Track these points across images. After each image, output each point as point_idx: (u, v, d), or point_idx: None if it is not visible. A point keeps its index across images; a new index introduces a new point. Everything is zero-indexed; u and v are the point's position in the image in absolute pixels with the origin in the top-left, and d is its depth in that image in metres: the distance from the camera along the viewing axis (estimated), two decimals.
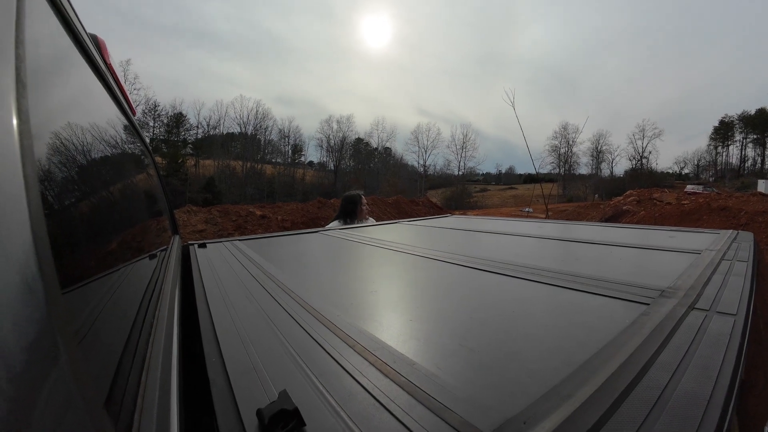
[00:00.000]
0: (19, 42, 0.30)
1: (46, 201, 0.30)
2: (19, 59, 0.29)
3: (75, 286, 0.34)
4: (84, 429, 0.21)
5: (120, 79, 1.38)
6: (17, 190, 0.22)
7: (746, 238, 1.77)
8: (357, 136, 63.31)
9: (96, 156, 0.60)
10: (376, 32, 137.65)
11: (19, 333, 0.18)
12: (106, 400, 0.32)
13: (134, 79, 42.80)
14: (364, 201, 3.62)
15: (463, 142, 64.47)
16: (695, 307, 0.81)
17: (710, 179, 58.90)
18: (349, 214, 3.53)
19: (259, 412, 0.44)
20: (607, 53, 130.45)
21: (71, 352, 0.22)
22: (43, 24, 0.49)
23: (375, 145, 64.40)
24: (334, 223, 3.49)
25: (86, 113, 0.61)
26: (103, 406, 0.26)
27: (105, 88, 0.93)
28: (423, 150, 63.74)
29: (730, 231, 1.97)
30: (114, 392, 0.36)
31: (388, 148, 65.26)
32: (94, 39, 0.99)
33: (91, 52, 0.82)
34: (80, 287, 0.36)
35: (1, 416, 0.16)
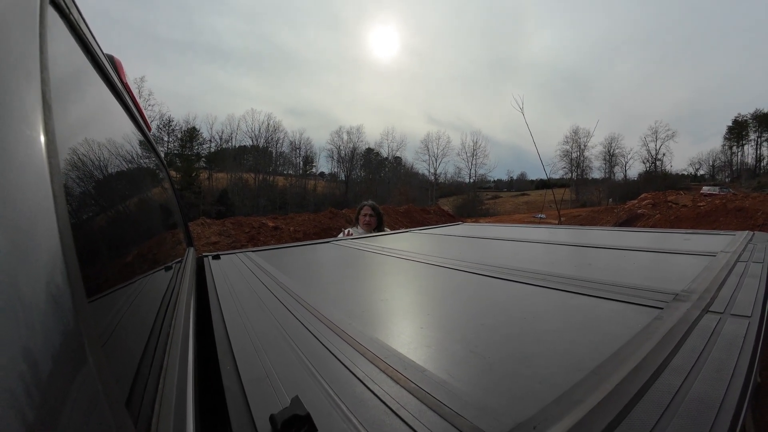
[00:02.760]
0: (43, 67, 0.32)
1: (72, 214, 0.32)
2: (44, 83, 0.31)
3: (98, 295, 0.36)
4: (107, 427, 0.22)
5: (135, 95, 1.42)
6: (47, 204, 0.24)
7: (762, 239, 1.74)
8: (367, 146, 63.58)
9: (115, 171, 0.63)
10: (384, 42, 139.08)
11: (49, 336, 0.20)
12: (126, 402, 0.33)
13: (149, 95, 43.67)
14: (365, 211, 3.74)
15: (474, 150, 64.33)
16: (709, 310, 0.80)
17: (726, 180, 57.70)
18: (356, 220, 3.87)
19: (272, 418, 0.45)
20: (616, 56, 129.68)
21: (96, 355, 0.23)
22: (64, 48, 0.51)
23: (385, 155, 64.61)
24: (350, 228, 3.74)
25: (105, 131, 0.64)
26: (124, 406, 0.27)
27: (122, 106, 0.97)
28: (433, 158, 63.78)
29: (746, 232, 1.94)
30: (134, 396, 0.37)
31: (398, 157, 65.43)
32: (111, 59, 1.03)
33: (108, 72, 0.85)
34: (102, 296, 0.38)
35: (35, 410, 0.17)
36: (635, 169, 60.66)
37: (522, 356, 0.64)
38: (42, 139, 0.26)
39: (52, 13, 0.45)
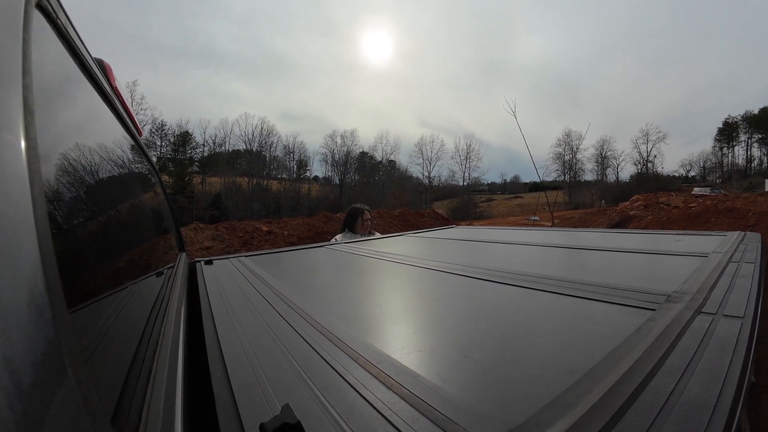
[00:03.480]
0: (26, 71, 0.31)
1: (54, 221, 0.31)
2: (27, 88, 0.30)
3: (82, 305, 0.35)
4: None
5: (127, 99, 1.41)
6: (25, 211, 0.23)
7: (753, 239, 1.75)
8: (361, 150, 63.62)
9: (103, 176, 0.62)
10: (378, 47, 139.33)
11: (27, 352, 0.19)
12: (112, 417, 0.32)
13: (141, 99, 43.42)
14: (367, 216, 3.63)
15: (467, 153, 64.62)
16: (702, 311, 0.80)
17: (717, 181, 58.39)
18: (350, 226, 3.63)
19: (262, 426, 0.44)
20: (607, 59, 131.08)
21: (77, 370, 0.22)
22: (51, 53, 0.51)
23: (379, 159, 64.71)
24: (339, 236, 3.58)
25: (92, 135, 0.63)
26: (109, 423, 0.27)
27: (111, 111, 0.96)
28: (427, 162, 63.96)
29: (738, 233, 1.96)
30: (120, 408, 0.36)
31: (392, 160, 65.53)
32: (100, 63, 1.02)
33: (97, 76, 0.84)
34: (87, 306, 0.37)
35: (13, 427, 0.16)
36: (627, 171, 61.33)
37: (515, 359, 0.63)
38: (23, 144, 0.26)
39: (38, 17, 0.44)
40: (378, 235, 3.58)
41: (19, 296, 0.20)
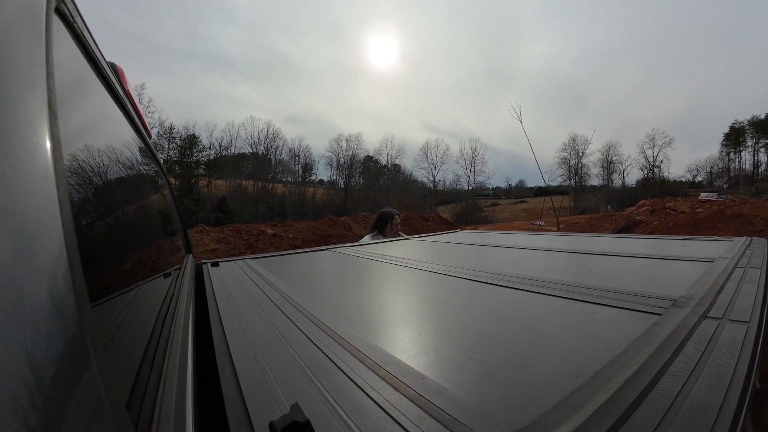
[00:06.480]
0: (49, 74, 0.32)
1: (76, 220, 0.32)
2: (50, 90, 0.31)
3: (100, 301, 0.36)
4: (109, 428, 0.22)
5: (136, 102, 1.43)
6: (52, 210, 0.24)
7: (760, 245, 1.74)
8: (366, 154, 63.63)
9: (116, 178, 0.63)
10: (383, 51, 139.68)
11: (53, 339, 0.20)
12: (127, 406, 0.33)
13: (149, 102, 43.79)
14: (397, 220, 3.79)
15: (472, 157, 64.40)
16: (708, 315, 0.80)
17: (724, 186, 57.89)
18: (380, 229, 3.80)
19: (271, 425, 0.45)
20: (612, 64, 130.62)
21: (99, 358, 0.23)
22: (68, 56, 0.52)
23: (384, 163, 64.70)
24: (367, 237, 3.77)
25: (107, 138, 0.65)
26: (125, 410, 0.28)
27: (123, 113, 0.97)
28: (432, 166, 63.84)
29: (744, 238, 1.94)
30: (134, 401, 0.37)
31: (397, 164, 65.50)
32: (113, 67, 1.04)
33: (110, 79, 0.86)
34: (104, 302, 0.38)
35: (39, 412, 0.17)
36: (633, 176, 60.73)
37: (521, 362, 0.64)
38: (48, 145, 0.26)
39: (56, 22, 0.46)
40: (404, 236, 3.69)
41: (46, 288, 0.21)
